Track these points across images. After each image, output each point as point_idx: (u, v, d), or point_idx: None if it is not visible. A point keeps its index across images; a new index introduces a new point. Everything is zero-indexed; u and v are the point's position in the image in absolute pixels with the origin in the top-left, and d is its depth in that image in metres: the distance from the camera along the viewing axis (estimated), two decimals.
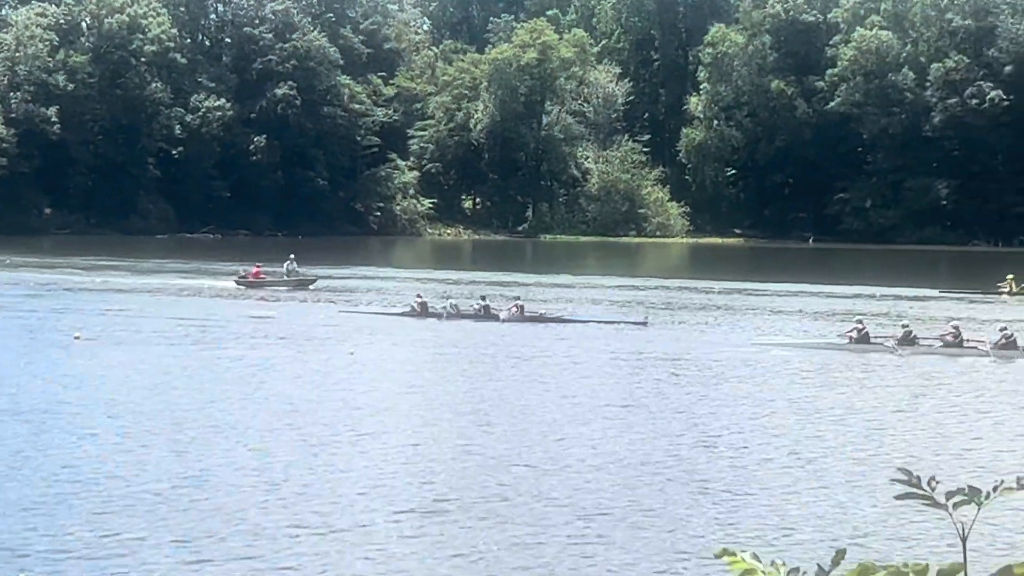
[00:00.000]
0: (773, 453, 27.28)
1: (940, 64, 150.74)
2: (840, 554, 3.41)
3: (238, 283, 72.47)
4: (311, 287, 72.21)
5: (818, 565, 3.41)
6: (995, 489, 3.45)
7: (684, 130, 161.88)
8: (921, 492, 3.42)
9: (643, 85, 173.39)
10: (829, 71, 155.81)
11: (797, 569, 3.41)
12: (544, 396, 34.47)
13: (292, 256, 74.70)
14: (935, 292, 73.11)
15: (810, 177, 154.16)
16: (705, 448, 27.53)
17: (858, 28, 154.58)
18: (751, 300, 69.39)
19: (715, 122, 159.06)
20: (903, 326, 46.23)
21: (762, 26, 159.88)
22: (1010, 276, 72.31)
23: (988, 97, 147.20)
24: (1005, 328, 45.09)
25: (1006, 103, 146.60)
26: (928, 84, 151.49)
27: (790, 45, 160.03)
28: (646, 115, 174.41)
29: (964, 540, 3.44)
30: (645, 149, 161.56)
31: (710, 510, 21.97)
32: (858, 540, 19.73)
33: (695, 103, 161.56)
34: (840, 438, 29.10)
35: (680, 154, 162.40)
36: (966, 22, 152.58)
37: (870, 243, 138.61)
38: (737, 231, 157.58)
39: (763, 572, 3.45)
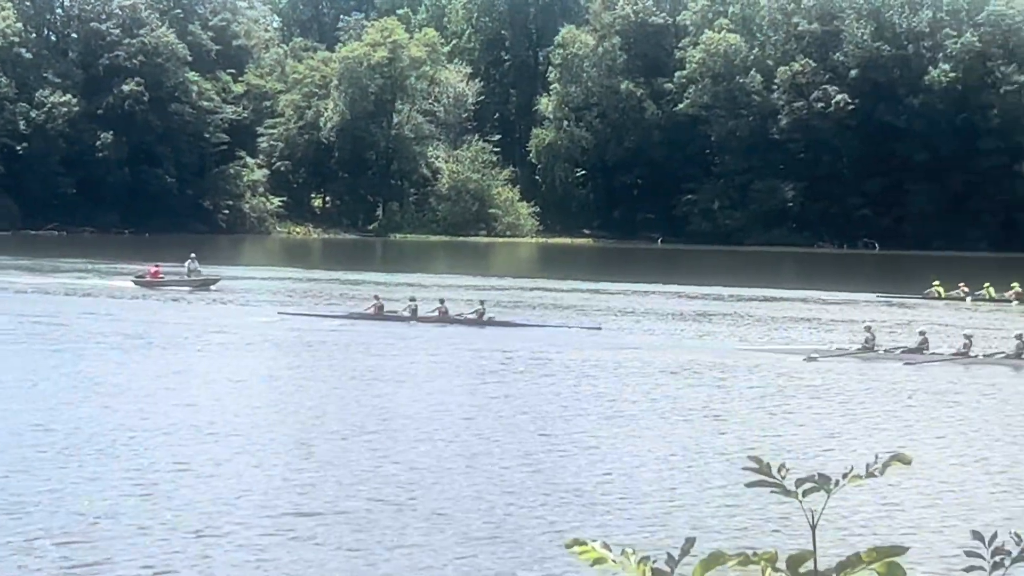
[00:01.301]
0: (626, 448, 27.42)
1: (787, 67, 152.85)
2: (689, 543, 3.40)
3: (136, 283, 70.52)
4: (213, 287, 69.74)
5: (668, 554, 3.40)
6: (844, 477, 3.47)
7: (534, 130, 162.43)
8: (771, 480, 3.43)
9: (494, 85, 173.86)
10: (678, 73, 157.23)
11: (648, 557, 3.40)
12: (398, 401, 34.38)
13: (193, 255, 72.26)
14: (862, 296, 73.22)
15: (659, 178, 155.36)
16: (555, 445, 27.59)
17: (706, 31, 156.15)
18: (599, 299, 69.70)
19: (565, 123, 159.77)
20: (920, 331, 46.07)
21: (612, 28, 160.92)
22: (936, 282, 72.88)
23: (834, 101, 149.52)
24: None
25: (851, 106, 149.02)
26: (775, 87, 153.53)
27: (639, 47, 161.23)
28: (497, 115, 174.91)
29: (813, 528, 3.45)
30: (495, 149, 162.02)
31: (563, 506, 22.02)
32: (709, 529, 19.90)
33: (545, 104, 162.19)
34: (699, 433, 29.33)
35: (530, 154, 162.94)
36: (812, 26, 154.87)
37: (718, 244, 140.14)
38: (586, 231, 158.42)
39: (614, 561, 3.43)
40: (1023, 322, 56.74)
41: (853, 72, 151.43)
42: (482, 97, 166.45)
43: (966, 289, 71.95)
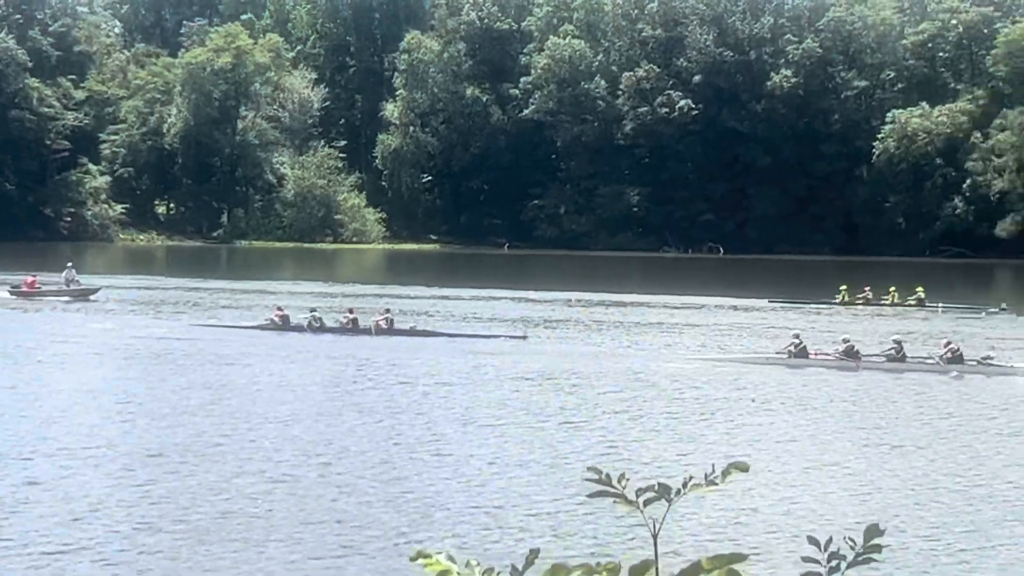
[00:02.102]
0: (478, 458, 27.42)
1: (631, 73, 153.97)
2: (533, 554, 3.41)
3: (11, 293, 68.11)
4: (92, 297, 67.72)
5: (512, 565, 3.41)
6: (684, 486, 3.50)
7: (380, 136, 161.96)
8: (612, 490, 3.45)
9: (339, 91, 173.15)
10: (523, 79, 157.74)
11: (492, 569, 3.41)
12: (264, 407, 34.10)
13: (70, 264, 70.38)
14: (764, 302, 73.04)
15: (505, 184, 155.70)
16: (410, 455, 27.53)
17: (551, 36, 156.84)
18: (447, 305, 69.65)
19: (411, 128, 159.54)
20: (844, 340, 45.87)
21: (457, 33, 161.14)
22: (843, 287, 73.13)
23: (678, 106, 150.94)
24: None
25: (695, 112, 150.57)
26: (620, 93, 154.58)
27: (485, 52, 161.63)
28: (342, 121, 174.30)
29: (655, 537, 3.48)
30: (341, 155, 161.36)
31: (412, 517, 21.98)
32: (554, 540, 19.96)
33: (391, 109, 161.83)
34: (553, 441, 29.38)
35: (376, 160, 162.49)
36: (656, 32, 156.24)
37: (564, 249, 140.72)
38: (433, 237, 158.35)
39: (458, 573, 3.43)
40: (928, 325, 57.82)
41: (697, 77, 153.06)
42: (327, 103, 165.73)
43: (870, 294, 72.31)
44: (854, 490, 24.74)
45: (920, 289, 71.53)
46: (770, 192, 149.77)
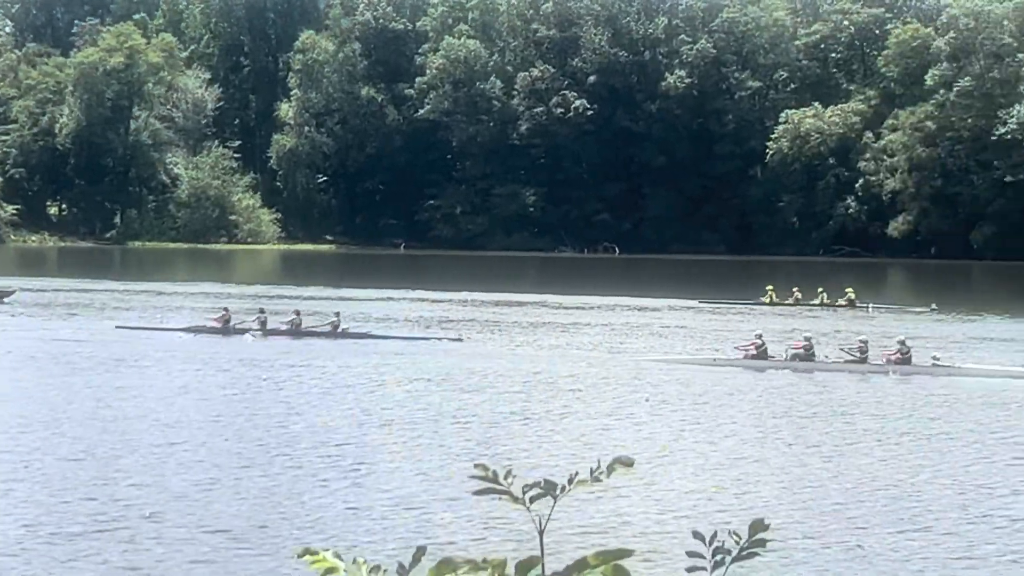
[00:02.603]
0: (374, 458, 27.35)
1: (526, 73, 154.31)
2: (420, 551, 3.42)
3: None
4: (6, 300, 64.97)
5: (399, 562, 3.41)
6: (570, 482, 3.52)
7: (275, 136, 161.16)
8: (498, 487, 3.46)
9: (233, 91, 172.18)
10: (419, 79, 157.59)
11: (378, 567, 3.40)
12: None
13: None
14: (694, 302, 72.78)
15: (401, 184, 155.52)
16: (306, 456, 27.40)
17: (446, 37, 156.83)
18: (350, 306, 69.30)
19: (306, 129, 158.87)
20: (806, 336, 45.07)
21: (352, 33, 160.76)
22: (770, 287, 72.27)
23: (573, 106, 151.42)
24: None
25: (590, 112, 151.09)
26: (515, 93, 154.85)
27: (380, 53, 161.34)
28: (237, 121, 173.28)
29: (541, 533, 3.49)
30: (236, 155, 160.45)
31: (293, 515, 21.88)
32: (441, 537, 19.97)
33: (286, 110, 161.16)
34: (449, 440, 29.37)
35: (271, 160, 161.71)
36: (551, 32, 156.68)
37: (460, 249, 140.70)
38: (329, 237, 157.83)
39: (345, 571, 3.43)
40: (862, 326, 58.05)
41: (591, 78, 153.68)
42: (221, 103, 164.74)
43: (799, 295, 71.85)
44: (746, 487, 24.90)
45: (850, 290, 71.19)
46: (665, 192, 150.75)
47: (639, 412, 34.17)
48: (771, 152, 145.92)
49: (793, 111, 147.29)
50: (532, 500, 3.48)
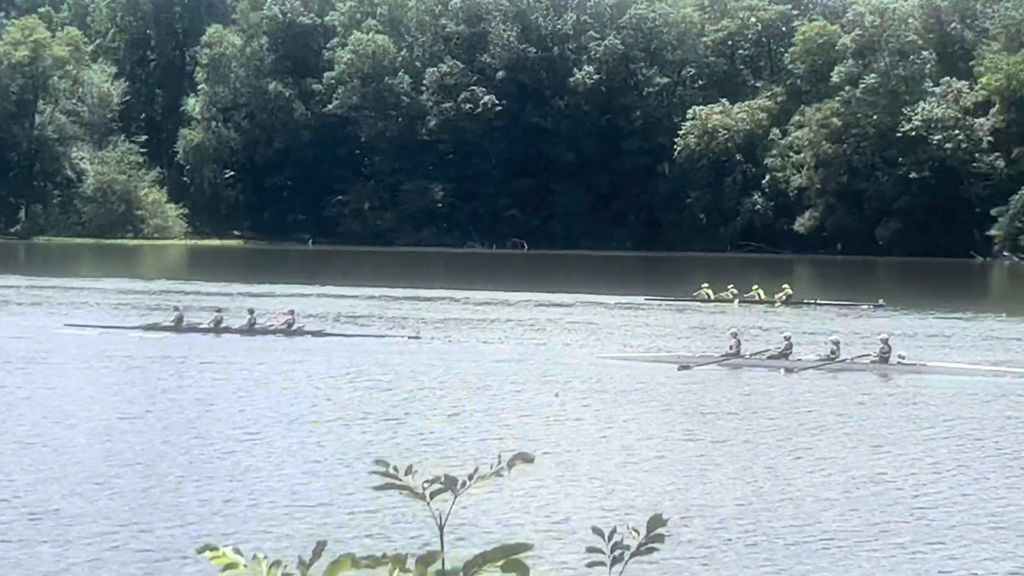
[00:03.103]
0: (282, 454, 27.26)
1: (435, 69, 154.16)
2: (320, 546, 3.42)
3: None
4: None
5: (299, 557, 3.41)
6: (471, 477, 3.53)
7: (182, 131, 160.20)
8: (399, 483, 3.47)
9: (139, 85, 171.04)
10: (327, 74, 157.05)
11: (279, 562, 3.40)
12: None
13: None
14: (641, 299, 71.88)
15: (309, 179, 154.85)
16: (217, 452, 27.26)
17: (355, 32, 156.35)
18: (259, 302, 68.83)
19: (213, 123, 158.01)
20: (785, 337, 44.23)
21: (259, 28, 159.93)
22: (705, 284, 71.53)
23: (481, 102, 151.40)
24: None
25: (499, 108, 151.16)
26: (424, 88, 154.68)
27: (288, 47, 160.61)
28: (143, 115, 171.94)
29: (441, 528, 3.50)
30: (142, 150, 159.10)
31: (208, 513, 21.77)
32: (342, 533, 19.95)
33: (192, 104, 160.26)
34: (346, 438, 29.30)
35: (178, 155, 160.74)
36: (460, 28, 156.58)
37: (369, 245, 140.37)
38: (236, 233, 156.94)
39: (245, 566, 3.43)
40: (797, 322, 58.23)
41: (500, 74, 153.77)
42: (128, 97, 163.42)
43: (735, 291, 71.10)
44: (651, 483, 25.01)
45: (786, 286, 70.91)
46: (574, 188, 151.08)
47: (550, 408, 34.21)
48: (679, 148, 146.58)
49: (701, 107, 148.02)
50: (433, 495, 3.49)
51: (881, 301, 68.06)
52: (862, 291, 74.70)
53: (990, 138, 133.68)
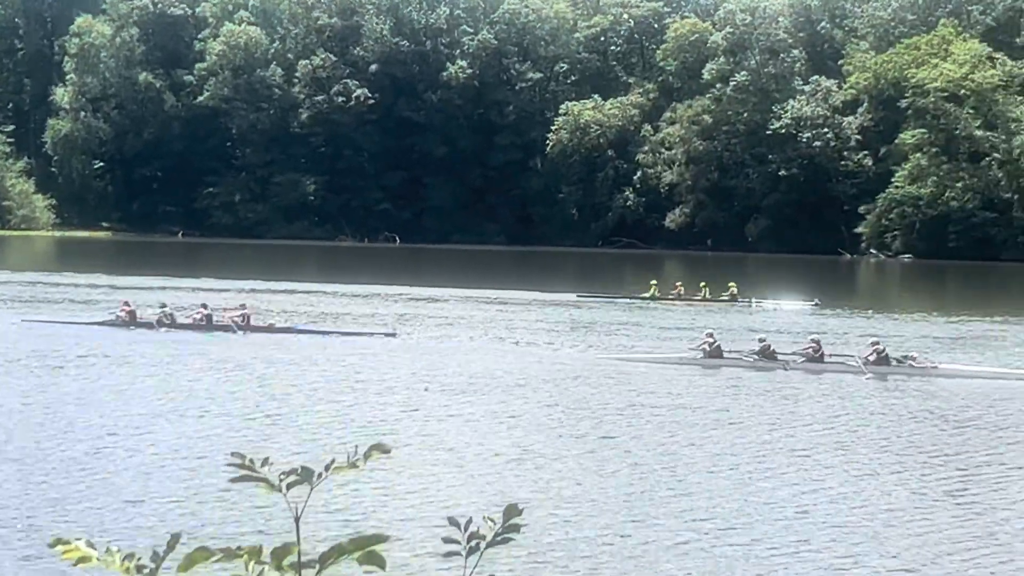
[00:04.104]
0: (137, 447, 26.98)
1: (307, 61, 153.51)
2: (175, 538, 3.40)
3: None
4: None
5: (153, 550, 3.39)
6: (327, 469, 3.52)
7: (50, 121, 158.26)
8: (255, 474, 3.46)
9: (7, 75, 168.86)
10: (198, 65, 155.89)
11: (132, 555, 3.38)
12: None
13: None
14: (573, 296, 71.13)
15: (179, 171, 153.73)
16: (76, 444, 26.94)
17: (227, 23, 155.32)
18: (129, 295, 68.09)
19: (82, 114, 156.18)
20: (760, 340, 43.53)
21: (129, 18, 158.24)
22: (653, 282, 70.74)
23: (354, 95, 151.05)
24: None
25: (371, 101, 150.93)
26: (296, 81, 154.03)
27: (158, 38, 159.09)
28: (10, 105, 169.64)
29: (297, 520, 3.49)
30: (9, 140, 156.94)
31: (49, 505, 21.52)
32: (198, 525, 19.83)
33: (61, 94, 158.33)
34: (217, 429, 29.10)
35: (46, 145, 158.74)
36: (333, 20, 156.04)
37: (239, 237, 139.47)
38: (105, 224, 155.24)
39: (98, 559, 3.40)
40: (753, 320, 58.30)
41: (373, 67, 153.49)
42: None
43: (682, 289, 70.33)
44: (511, 475, 25.06)
45: (732, 285, 70.05)
46: (446, 182, 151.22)
47: (418, 401, 34.21)
48: (551, 144, 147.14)
49: (573, 103, 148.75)
50: (289, 487, 3.48)
51: (816, 300, 68.16)
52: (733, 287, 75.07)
53: (858, 136, 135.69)
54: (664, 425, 31.26)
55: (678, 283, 71.66)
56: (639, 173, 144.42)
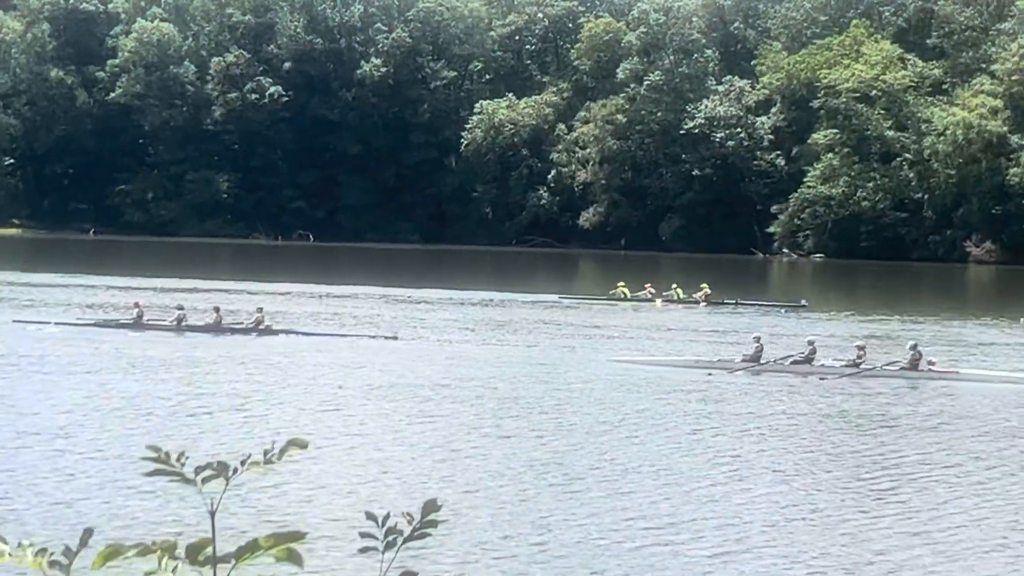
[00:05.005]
0: (49, 444, 26.77)
1: (221, 58, 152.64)
2: (87, 534, 3.36)
3: None
4: None
5: (66, 546, 3.35)
6: (243, 464, 3.50)
7: None
8: (170, 469, 3.43)
9: None
10: (110, 62, 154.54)
11: (45, 550, 3.34)
12: None
13: None
14: (554, 297, 70.63)
15: (91, 168, 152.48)
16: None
17: (139, 19, 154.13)
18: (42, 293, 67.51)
19: None
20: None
21: (40, 13, 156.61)
22: (621, 284, 69.85)
23: (268, 93, 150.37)
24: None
25: (285, 99, 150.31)
26: (209, 78, 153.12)
27: (70, 34, 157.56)
28: None
29: (213, 515, 3.47)
30: None
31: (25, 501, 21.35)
32: (112, 521, 19.71)
33: None
34: (116, 425, 28.90)
35: None
36: (246, 18, 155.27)
37: (152, 235, 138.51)
38: (16, 221, 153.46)
39: (11, 555, 3.36)
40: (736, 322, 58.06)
41: (287, 64, 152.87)
42: None
43: (652, 290, 69.80)
44: (430, 471, 25.06)
45: (705, 285, 69.76)
46: (360, 181, 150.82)
47: (334, 398, 34.17)
48: (466, 142, 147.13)
49: (487, 102, 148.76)
50: (204, 481, 3.45)
51: (804, 301, 67.79)
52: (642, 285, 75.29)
53: (771, 136, 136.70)
54: (596, 425, 31.28)
55: (648, 284, 71.02)
56: (553, 172, 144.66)
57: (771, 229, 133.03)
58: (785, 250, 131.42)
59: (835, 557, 19.80)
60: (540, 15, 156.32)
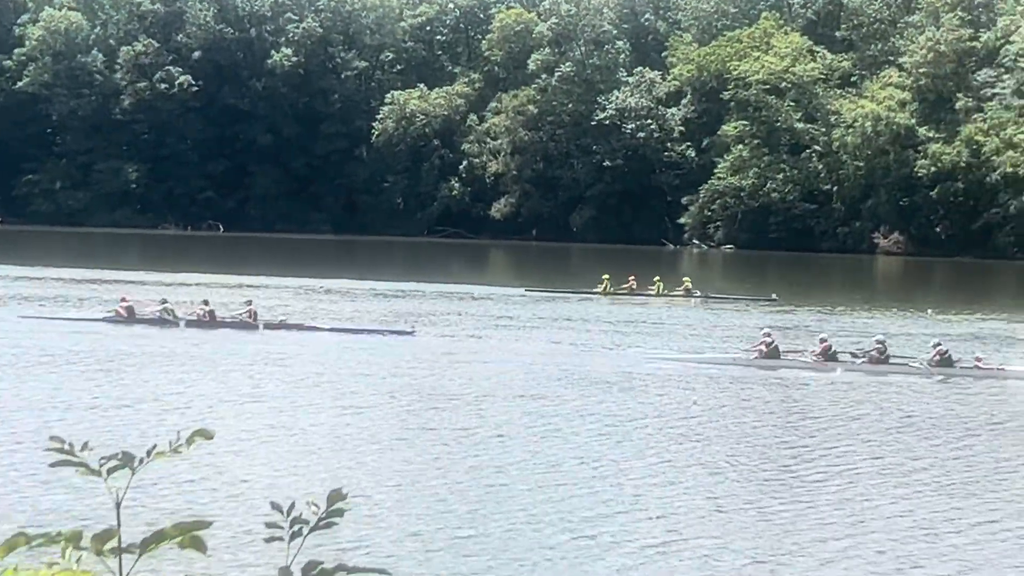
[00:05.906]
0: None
1: (130, 47, 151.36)
2: None
3: None
4: None
5: None
6: (148, 454, 3.50)
7: None
8: (74, 459, 3.42)
9: None
10: (17, 50, 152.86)
11: None
12: None
13: None
14: (520, 291, 69.27)
15: None
16: None
17: (47, 8, 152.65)
18: None
19: None
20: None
21: None
22: (606, 276, 69.05)
23: (177, 82, 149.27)
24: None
25: (195, 88, 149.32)
26: (118, 67, 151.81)
27: None
28: None
29: (118, 505, 3.47)
30: None
31: None
32: (16, 512, 19.60)
33: None
34: (19, 415, 28.66)
35: None
36: (155, 6, 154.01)
37: (60, 225, 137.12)
38: None
39: None
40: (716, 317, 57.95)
41: (197, 54, 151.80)
42: None
43: (635, 284, 69.17)
44: (338, 460, 25.03)
45: (687, 279, 69.56)
46: (271, 170, 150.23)
47: (243, 389, 34.01)
48: (377, 133, 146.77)
49: (399, 92, 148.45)
50: (110, 472, 3.45)
51: (774, 295, 67.68)
52: (555, 278, 75.58)
53: (681, 128, 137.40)
54: (524, 415, 31.24)
55: (631, 277, 70.27)
56: (465, 163, 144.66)
57: (682, 220, 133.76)
58: (695, 241, 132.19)
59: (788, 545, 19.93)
60: (451, 5, 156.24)
